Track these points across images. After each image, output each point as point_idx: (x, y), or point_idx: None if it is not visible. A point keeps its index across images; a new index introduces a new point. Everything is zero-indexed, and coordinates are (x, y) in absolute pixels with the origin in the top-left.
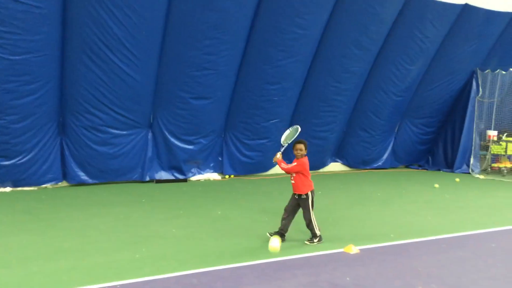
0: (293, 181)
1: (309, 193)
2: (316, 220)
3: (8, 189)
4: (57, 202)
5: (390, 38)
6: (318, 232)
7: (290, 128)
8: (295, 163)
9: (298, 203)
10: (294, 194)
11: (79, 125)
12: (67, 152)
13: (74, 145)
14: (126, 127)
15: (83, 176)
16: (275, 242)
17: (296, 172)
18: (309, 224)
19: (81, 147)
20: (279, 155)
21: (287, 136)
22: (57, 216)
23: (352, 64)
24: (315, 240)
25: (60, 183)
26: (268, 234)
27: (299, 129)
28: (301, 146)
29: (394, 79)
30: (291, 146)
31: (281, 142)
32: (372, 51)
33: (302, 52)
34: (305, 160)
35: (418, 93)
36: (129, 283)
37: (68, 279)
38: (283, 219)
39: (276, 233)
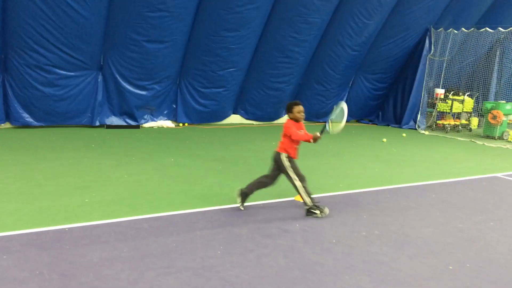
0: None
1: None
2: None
3: None
4: (0, 143)
5: None
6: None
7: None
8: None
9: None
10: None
11: (22, 63)
12: (10, 92)
13: (18, 85)
14: (73, 68)
15: (28, 118)
16: None
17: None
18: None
19: (25, 87)
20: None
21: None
22: (1, 158)
23: (311, 14)
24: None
25: (2, 124)
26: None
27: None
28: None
29: (352, 32)
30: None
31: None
32: (332, 2)
33: None
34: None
35: (373, 49)
36: (78, 227)
37: (13, 222)
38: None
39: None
